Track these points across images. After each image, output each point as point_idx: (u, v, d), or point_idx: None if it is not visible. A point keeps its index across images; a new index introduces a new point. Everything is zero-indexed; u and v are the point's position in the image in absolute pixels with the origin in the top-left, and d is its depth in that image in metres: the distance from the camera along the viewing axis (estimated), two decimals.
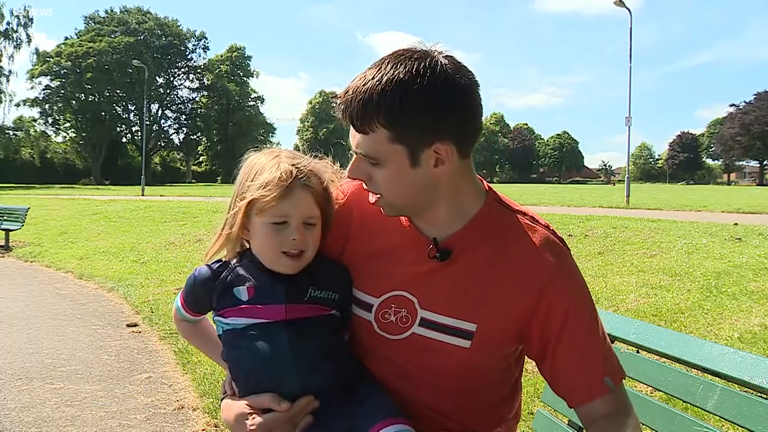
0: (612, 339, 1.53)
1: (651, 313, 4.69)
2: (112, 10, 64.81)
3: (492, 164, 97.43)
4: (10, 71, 55.35)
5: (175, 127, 68.70)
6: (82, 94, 59.98)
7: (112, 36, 60.57)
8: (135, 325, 5.23)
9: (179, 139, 69.36)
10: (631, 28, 18.96)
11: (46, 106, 58.63)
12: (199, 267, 1.17)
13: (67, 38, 61.94)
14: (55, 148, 62.10)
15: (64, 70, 57.47)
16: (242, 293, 1.11)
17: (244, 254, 1.16)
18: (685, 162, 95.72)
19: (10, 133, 54.40)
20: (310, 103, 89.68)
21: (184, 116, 68.24)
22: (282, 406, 1.04)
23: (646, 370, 1.44)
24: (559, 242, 1.12)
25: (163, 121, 67.41)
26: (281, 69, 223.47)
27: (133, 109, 64.39)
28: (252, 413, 1.06)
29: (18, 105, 62.54)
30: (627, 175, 19.44)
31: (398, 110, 0.98)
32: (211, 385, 3.55)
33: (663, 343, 1.41)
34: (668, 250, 6.98)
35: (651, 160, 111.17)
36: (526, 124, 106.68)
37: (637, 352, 1.50)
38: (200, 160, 76.95)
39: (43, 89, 58.30)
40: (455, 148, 1.04)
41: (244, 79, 71.16)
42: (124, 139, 66.59)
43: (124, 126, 65.70)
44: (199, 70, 67.95)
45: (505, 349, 1.13)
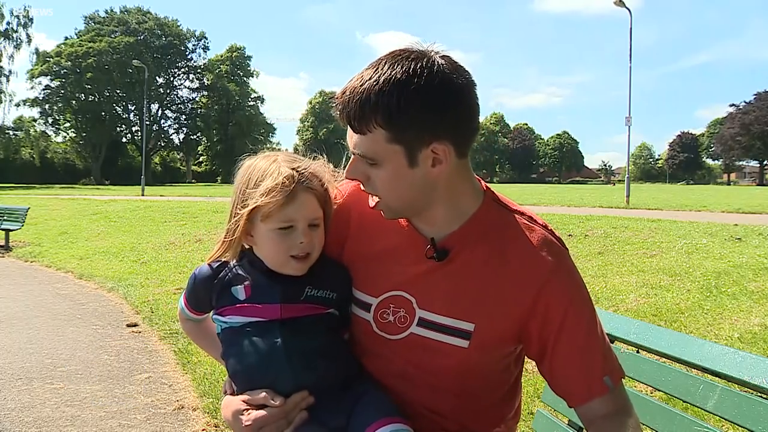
0: (612, 339, 1.53)
1: (651, 313, 4.69)
2: (112, 10, 64.82)
3: (492, 164, 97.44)
4: (10, 71, 55.40)
5: (175, 127, 68.80)
6: (82, 94, 59.96)
7: (112, 36, 60.56)
8: (135, 325, 5.23)
9: (179, 139, 69.41)
10: (631, 28, 18.99)
11: (46, 106, 58.60)
12: (200, 266, 1.19)
13: (67, 38, 61.98)
14: (55, 148, 62.06)
15: (64, 70, 57.45)
16: (240, 292, 1.12)
17: (244, 254, 1.16)
18: (685, 162, 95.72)
19: (10, 133, 54.38)
20: (310, 103, 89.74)
21: (184, 116, 68.23)
22: (276, 402, 1.05)
23: (646, 370, 1.44)
24: (557, 242, 1.12)
25: (163, 121, 67.46)
26: (281, 69, 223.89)
27: (133, 109, 64.43)
28: (247, 409, 1.06)
29: (18, 105, 62.79)
30: (627, 175, 19.45)
31: (395, 110, 0.98)
32: (211, 385, 3.56)
33: (663, 343, 1.41)
34: (668, 250, 6.98)
35: (651, 160, 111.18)
36: (526, 124, 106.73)
37: (637, 352, 1.50)
38: (200, 160, 76.95)
39: (43, 89, 58.39)
40: (453, 148, 1.04)
41: (244, 79, 71.16)
42: (124, 139, 66.58)
43: (124, 126, 65.69)
44: (199, 70, 67.93)
45: (504, 349, 1.13)
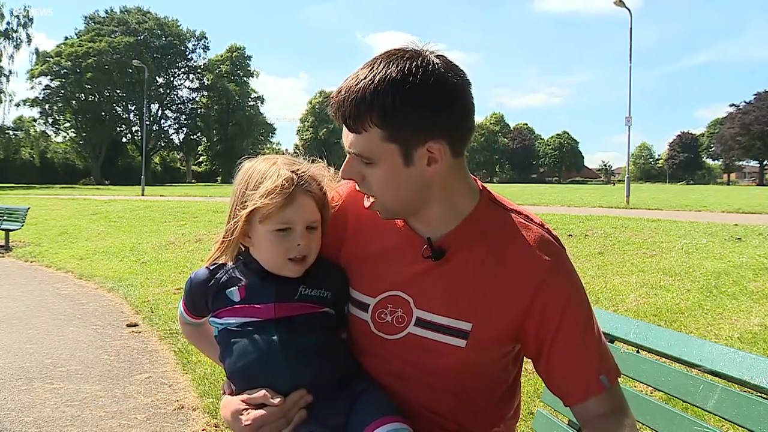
0: (612, 339, 1.54)
1: (651, 313, 4.69)
2: (112, 10, 64.83)
3: (492, 164, 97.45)
4: (10, 71, 55.50)
5: (175, 127, 68.81)
6: (82, 94, 59.97)
7: (112, 36, 60.56)
8: (135, 325, 5.23)
9: (179, 139, 69.42)
10: (631, 28, 18.99)
11: (46, 106, 58.60)
12: (196, 270, 1.20)
13: (67, 38, 61.99)
14: (55, 148, 62.08)
15: (64, 70, 57.45)
16: (234, 294, 1.13)
17: (239, 256, 1.17)
18: (685, 162, 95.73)
19: (10, 133, 54.38)
20: (310, 103, 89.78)
21: (184, 116, 68.23)
22: (275, 401, 1.05)
23: (646, 370, 1.44)
24: (554, 241, 1.12)
25: (163, 121, 67.48)
26: (281, 69, 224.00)
27: (133, 109, 64.44)
28: (247, 408, 1.06)
29: (18, 105, 62.81)
30: (627, 175, 19.45)
31: (391, 109, 0.98)
32: (211, 385, 3.56)
33: (663, 343, 1.41)
34: (668, 250, 6.98)
35: (651, 160, 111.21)
36: (526, 124, 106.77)
37: (637, 352, 1.50)
38: (200, 160, 76.94)
39: (43, 89, 58.42)
40: (448, 147, 1.04)
41: (244, 79, 71.17)
42: (124, 139, 66.57)
43: (124, 126, 65.70)
44: (199, 70, 67.93)
45: (502, 349, 1.12)
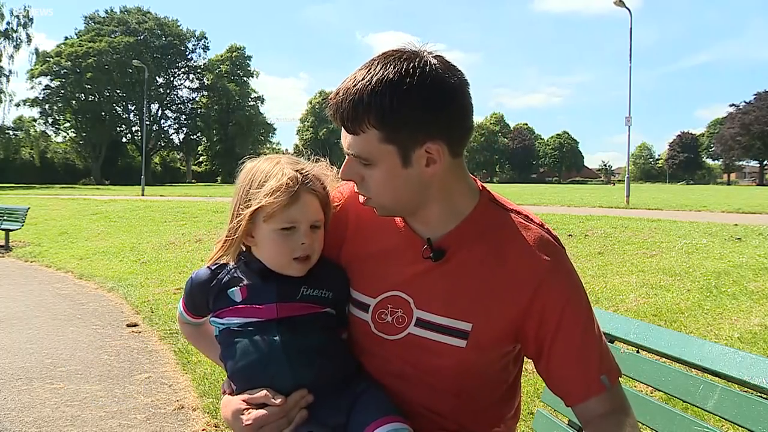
0: (612, 339, 1.53)
1: (651, 313, 4.69)
2: (112, 10, 64.82)
3: (492, 164, 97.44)
4: (10, 71, 55.54)
5: (175, 127, 68.78)
6: (82, 94, 59.95)
7: (112, 36, 60.54)
8: (135, 325, 5.22)
9: (179, 139, 69.38)
10: (631, 28, 18.99)
11: (46, 106, 58.60)
12: (197, 270, 1.19)
13: (67, 38, 61.97)
14: (55, 148, 62.08)
15: (64, 70, 57.43)
16: (236, 294, 1.13)
17: (241, 255, 1.17)
18: (685, 162, 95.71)
19: (10, 133, 54.37)
20: (310, 103, 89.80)
21: (184, 116, 68.21)
22: (276, 401, 1.05)
23: (646, 370, 1.44)
24: (554, 241, 1.12)
25: (163, 121, 67.47)
26: (281, 69, 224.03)
27: (133, 109, 64.41)
28: (248, 408, 1.06)
29: (18, 105, 62.84)
30: (627, 175, 19.45)
31: (388, 110, 0.98)
32: (211, 385, 3.55)
33: (663, 343, 1.41)
34: (668, 250, 6.98)
35: (651, 160, 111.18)
36: (526, 124, 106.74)
37: (637, 352, 1.50)
38: (200, 160, 76.92)
39: (43, 89, 58.40)
40: (446, 148, 1.04)
41: (244, 79, 71.12)
42: (124, 139, 66.56)
43: (124, 126, 65.68)
44: (199, 70, 67.91)
45: (502, 349, 1.12)
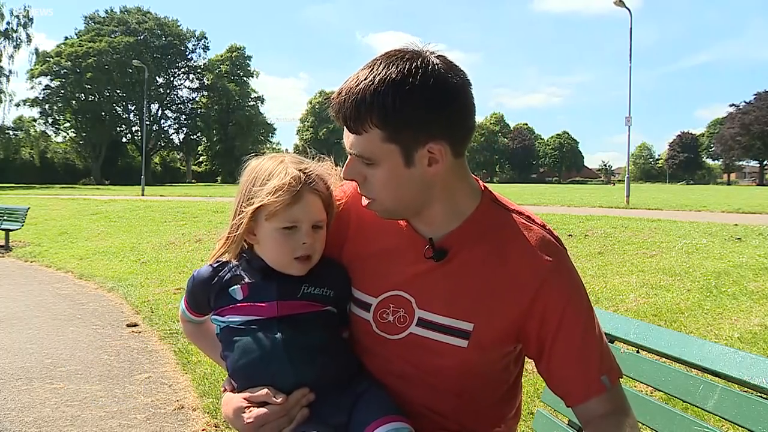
0: (612, 339, 1.53)
1: (651, 313, 4.69)
2: (112, 10, 64.81)
3: (492, 164, 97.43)
4: (10, 71, 55.50)
5: (175, 127, 68.77)
6: (82, 94, 59.95)
7: (112, 36, 60.54)
8: (135, 325, 5.23)
9: (179, 139, 69.38)
10: (631, 28, 19.00)
11: (46, 106, 58.59)
12: (199, 268, 1.19)
13: (67, 38, 61.96)
14: (55, 148, 62.08)
15: (64, 70, 57.43)
16: (237, 292, 1.13)
17: (243, 253, 1.17)
18: (685, 162, 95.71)
19: (10, 133, 54.37)
20: (310, 103, 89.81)
21: (184, 116, 68.20)
22: (277, 399, 1.05)
23: (646, 370, 1.44)
24: (556, 241, 1.12)
25: (163, 121, 67.45)
26: (281, 69, 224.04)
27: (133, 109, 64.40)
28: (249, 407, 1.06)
29: (18, 105, 62.82)
30: (627, 175, 19.45)
31: (391, 110, 0.98)
32: (211, 385, 3.55)
33: (663, 343, 1.40)
34: (668, 250, 6.99)
35: (651, 160, 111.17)
36: (526, 124, 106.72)
37: (637, 352, 1.50)
38: (200, 160, 76.91)
39: (43, 89, 58.39)
40: (449, 148, 1.04)
41: (244, 79, 71.12)
42: (124, 139, 66.55)
43: (124, 126, 65.67)
44: (199, 70, 67.90)
45: (503, 349, 1.12)
